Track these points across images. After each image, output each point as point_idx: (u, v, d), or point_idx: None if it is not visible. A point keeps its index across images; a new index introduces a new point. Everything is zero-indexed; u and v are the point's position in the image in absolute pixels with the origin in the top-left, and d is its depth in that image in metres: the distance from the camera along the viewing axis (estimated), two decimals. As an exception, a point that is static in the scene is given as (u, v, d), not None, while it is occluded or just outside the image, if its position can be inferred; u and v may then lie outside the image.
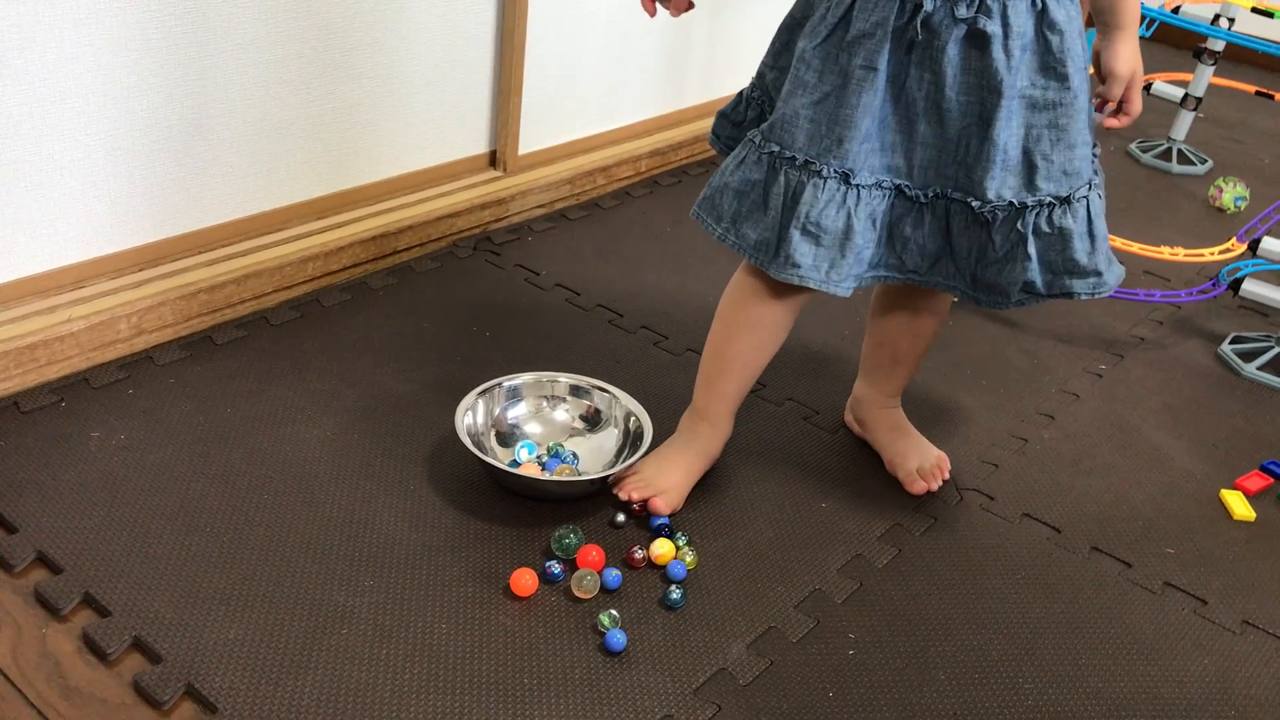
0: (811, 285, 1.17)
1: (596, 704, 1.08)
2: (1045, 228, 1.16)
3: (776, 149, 1.17)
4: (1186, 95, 2.57)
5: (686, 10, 1.26)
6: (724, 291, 1.31)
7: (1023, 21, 1.11)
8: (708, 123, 2.35)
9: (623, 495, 1.31)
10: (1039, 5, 1.11)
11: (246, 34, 1.54)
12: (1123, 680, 1.19)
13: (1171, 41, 3.17)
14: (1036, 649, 1.21)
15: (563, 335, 1.66)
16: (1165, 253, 1.93)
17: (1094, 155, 1.22)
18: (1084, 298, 1.19)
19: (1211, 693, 1.18)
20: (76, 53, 1.38)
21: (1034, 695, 1.15)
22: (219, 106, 1.55)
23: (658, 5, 1.25)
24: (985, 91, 1.12)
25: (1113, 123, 1.22)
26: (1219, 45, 2.52)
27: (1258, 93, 2.73)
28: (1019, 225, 1.16)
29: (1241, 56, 3.26)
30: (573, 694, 1.09)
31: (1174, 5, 2.65)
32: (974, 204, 1.16)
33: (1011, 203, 1.15)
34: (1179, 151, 2.61)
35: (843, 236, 1.16)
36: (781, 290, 1.24)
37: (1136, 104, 1.20)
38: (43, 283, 1.47)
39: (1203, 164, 2.59)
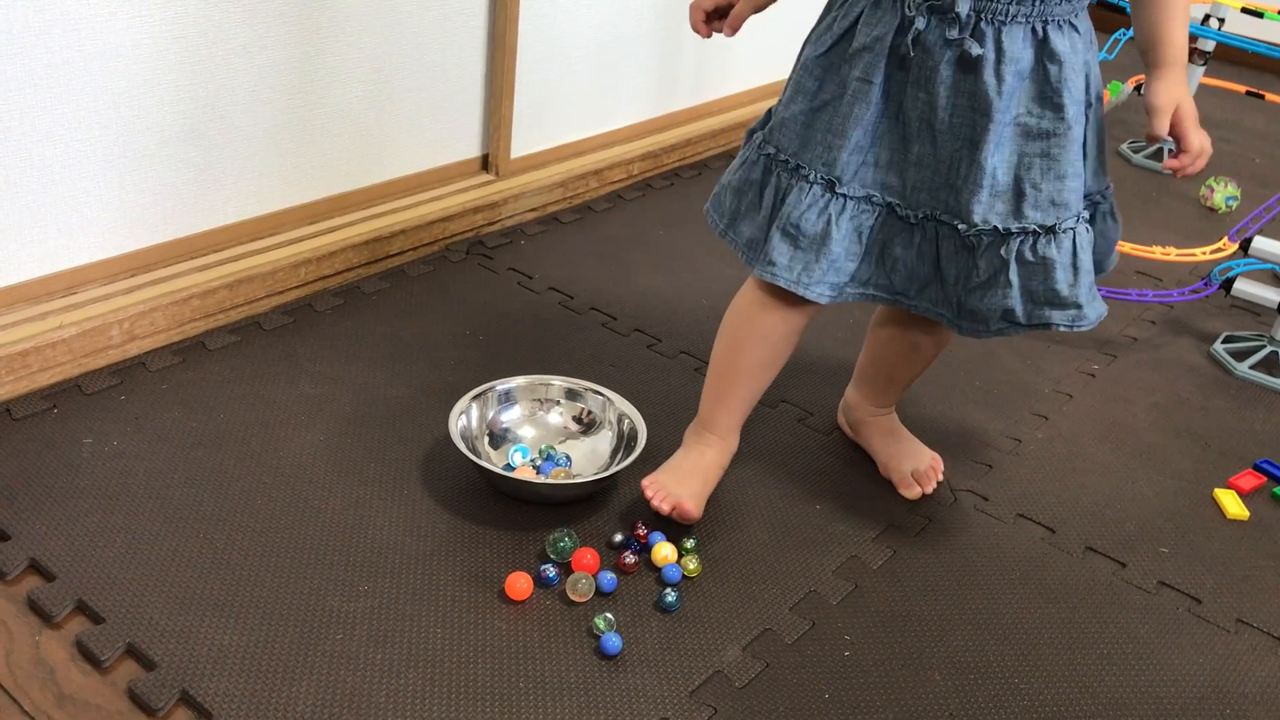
0: (782, 284, 1.20)
1: (592, 708, 1.08)
2: (1029, 256, 1.16)
3: (773, 151, 1.20)
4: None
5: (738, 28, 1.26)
6: (730, 304, 1.30)
7: (1019, 48, 1.11)
8: (699, 126, 2.36)
9: (650, 500, 1.29)
10: (1040, 34, 1.11)
11: (238, 39, 1.54)
12: (1118, 679, 1.19)
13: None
14: (1032, 649, 1.21)
15: (556, 338, 1.65)
16: (1157, 252, 1.93)
17: (1107, 186, 1.23)
18: (1062, 329, 1.19)
19: (1206, 691, 1.19)
20: (67, 58, 1.38)
21: (1030, 695, 1.16)
22: (210, 112, 1.55)
23: (711, 26, 1.26)
24: (975, 114, 1.13)
25: (1171, 164, 1.19)
26: (1209, 45, 2.53)
27: (1248, 93, 2.74)
28: (1002, 251, 1.16)
29: (1232, 57, 3.27)
30: (568, 698, 1.09)
31: (1164, 6, 2.65)
32: (960, 227, 1.16)
33: (996, 228, 1.15)
34: (1170, 152, 2.61)
35: (819, 241, 1.18)
36: (790, 303, 1.24)
37: (1190, 140, 1.17)
38: (34, 289, 1.46)
39: (1194, 164, 2.59)
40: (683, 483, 1.31)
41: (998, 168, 1.14)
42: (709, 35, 1.27)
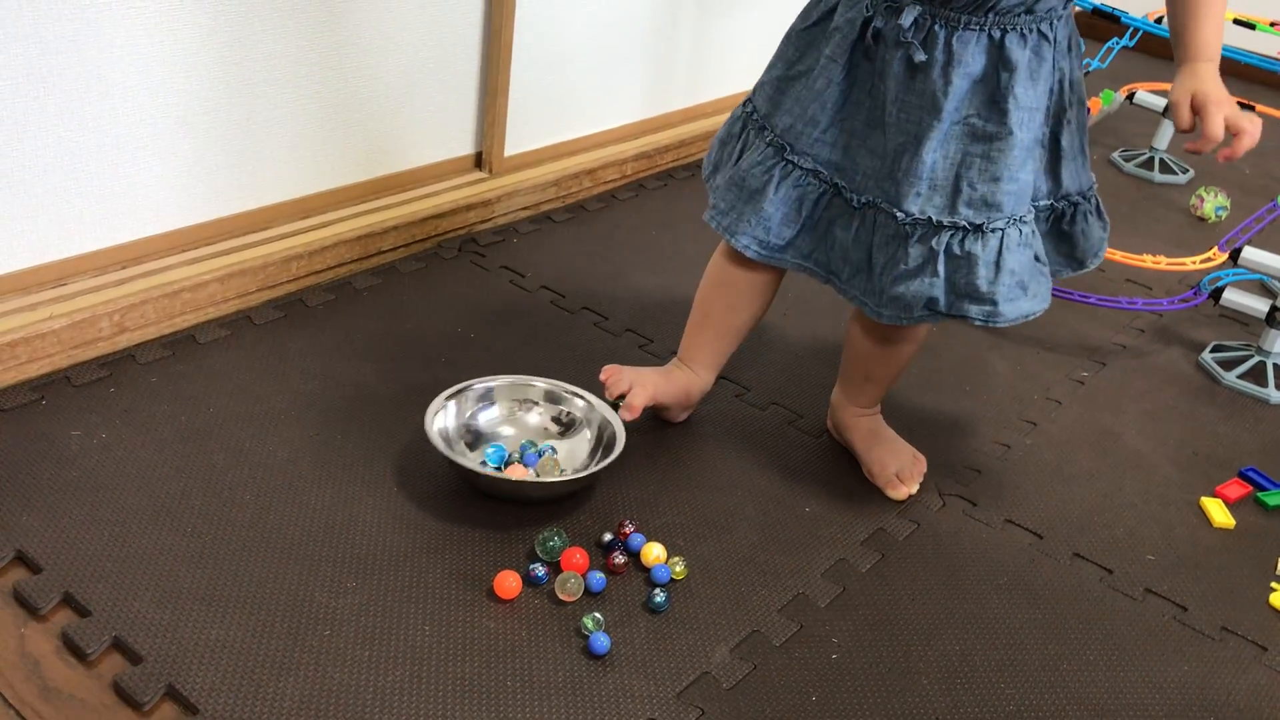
0: (714, 227, 1.32)
1: (579, 707, 1.08)
2: (956, 250, 1.21)
3: (750, 109, 1.32)
4: (1169, 105, 2.58)
5: None
6: None
7: (970, 54, 1.15)
8: (694, 127, 2.36)
9: (604, 382, 1.42)
10: (996, 41, 1.15)
11: (232, 32, 1.53)
12: (1103, 686, 1.19)
13: (1154, 51, 3.20)
14: (1018, 654, 1.22)
15: (547, 337, 1.65)
16: (1147, 261, 1.94)
17: (1090, 186, 1.29)
18: (977, 323, 1.24)
19: (1191, 699, 1.19)
20: (58, 48, 1.38)
21: (1015, 700, 1.16)
22: (203, 104, 1.54)
23: None
24: (923, 112, 1.17)
25: (1190, 146, 1.24)
26: (1201, 56, 2.53)
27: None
28: (933, 243, 1.21)
29: (1223, 68, 3.28)
30: (556, 697, 1.09)
31: (1156, 15, 2.66)
32: (898, 215, 1.21)
33: (930, 219, 1.20)
34: (1161, 161, 2.63)
35: (755, 195, 1.28)
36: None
37: (1210, 127, 1.20)
38: (24, 279, 1.46)
39: (1184, 174, 2.61)
40: (642, 375, 1.43)
41: (938, 163, 1.19)
42: None
